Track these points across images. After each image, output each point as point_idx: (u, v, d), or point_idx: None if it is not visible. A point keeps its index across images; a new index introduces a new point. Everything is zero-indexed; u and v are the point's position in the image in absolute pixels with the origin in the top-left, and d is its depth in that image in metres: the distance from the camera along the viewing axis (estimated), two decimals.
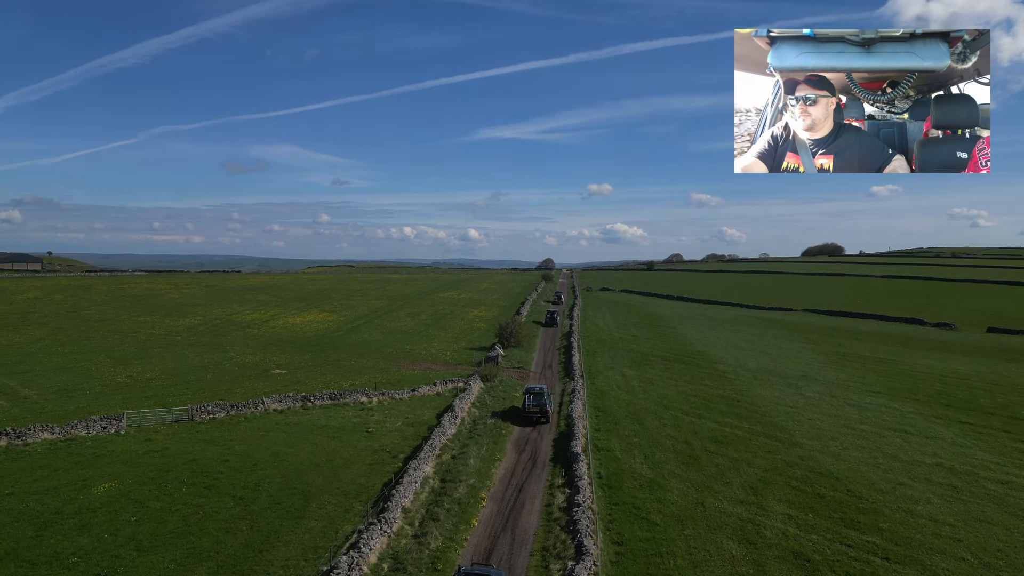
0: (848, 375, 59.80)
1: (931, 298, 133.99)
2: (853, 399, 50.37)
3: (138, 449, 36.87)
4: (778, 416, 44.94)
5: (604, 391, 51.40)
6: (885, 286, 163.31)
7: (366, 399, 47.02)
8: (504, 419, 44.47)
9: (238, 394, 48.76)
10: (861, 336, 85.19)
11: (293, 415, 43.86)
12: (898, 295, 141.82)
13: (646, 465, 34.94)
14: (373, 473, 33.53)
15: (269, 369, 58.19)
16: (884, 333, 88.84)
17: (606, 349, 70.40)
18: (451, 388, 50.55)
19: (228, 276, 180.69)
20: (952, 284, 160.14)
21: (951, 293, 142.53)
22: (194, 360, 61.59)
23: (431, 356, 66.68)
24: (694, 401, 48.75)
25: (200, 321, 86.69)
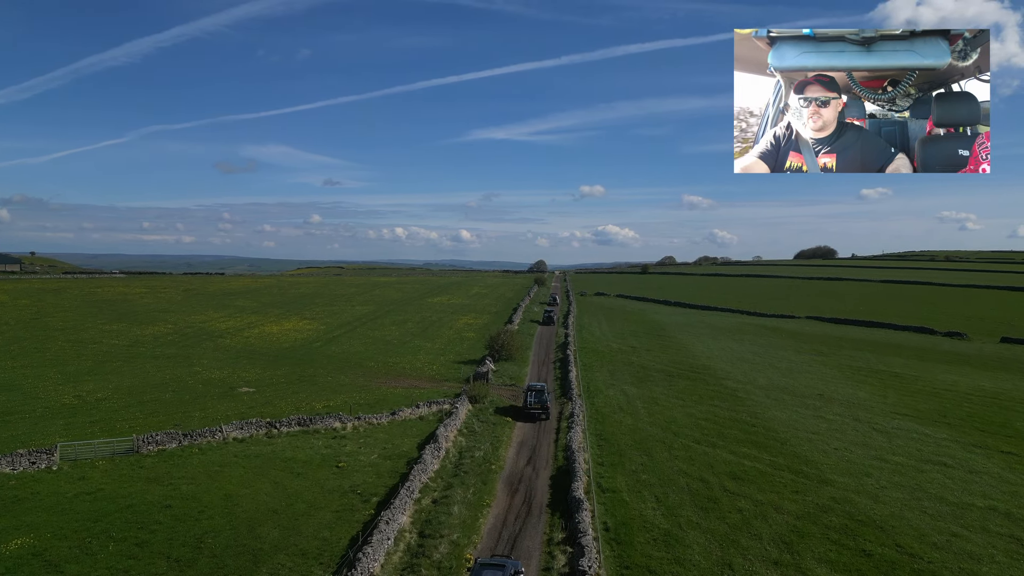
0: (867, 393, 55.24)
1: (935, 305, 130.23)
2: (879, 423, 45.75)
3: (68, 490, 31.61)
4: (800, 445, 40.23)
5: (605, 414, 46.54)
6: (885, 291, 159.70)
7: (339, 424, 41.91)
8: (496, 445, 39.54)
9: (196, 419, 43.52)
10: (872, 347, 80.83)
11: (255, 445, 38.67)
12: (900, 301, 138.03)
13: (659, 511, 30.06)
14: (340, 523, 28.47)
15: (236, 387, 52.89)
16: (895, 344, 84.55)
17: (604, 363, 65.59)
18: (435, 411, 45.53)
19: (210, 279, 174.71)
20: (953, 289, 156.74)
21: (954, 299, 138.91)
22: (154, 376, 56.16)
23: (416, 371, 61.59)
24: (705, 426, 43.98)
25: (170, 330, 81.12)
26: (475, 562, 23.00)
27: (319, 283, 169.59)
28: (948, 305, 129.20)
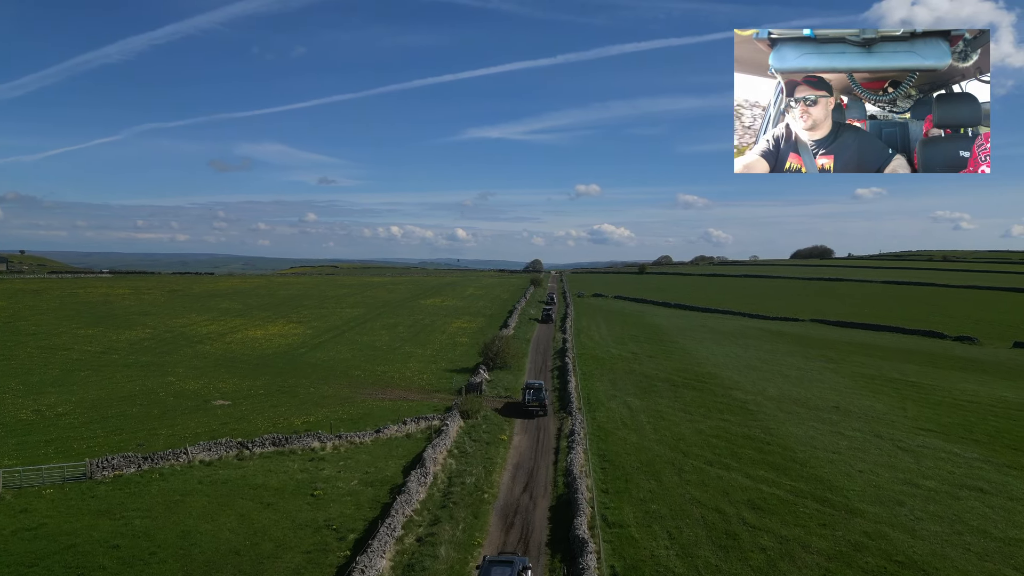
0: (886, 405, 51.95)
1: (939, 307, 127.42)
2: (903, 441, 42.45)
3: (5, 526, 27.96)
4: (822, 467, 36.86)
5: (608, 430, 43.10)
6: (886, 292, 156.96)
7: (318, 444, 38.32)
8: (489, 469, 36.04)
9: (162, 437, 39.88)
10: (882, 353, 77.65)
11: (224, 468, 35.04)
12: (903, 303, 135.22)
13: (672, 551, 26.61)
14: (310, 568, 24.92)
15: (211, 400, 49.21)
16: (905, 349, 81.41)
17: (605, 371, 62.16)
18: (424, 428, 41.99)
19: (198, 279, 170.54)
20: (956, 291, 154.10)
21: (958, 301, 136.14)
22: (124, 387, 52.40)
23: (405, 381, 57.99)
24: (716, 444, 40.57)
25: (148, 335, 77.24)
26: (484, 559, 23.38)
27: (310, 283, 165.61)
28: (953, 307, 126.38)
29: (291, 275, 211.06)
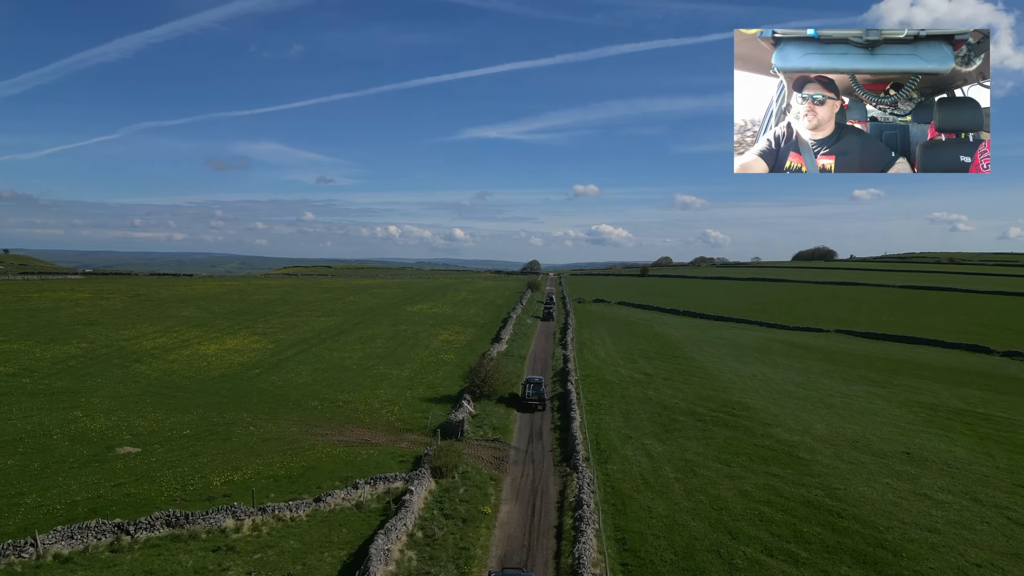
0: (966, 450, 41.71)
1: (967, 314, 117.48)
2: (1011, 508, 32.21)
3: None
4: (926, 557, 26.57)
5: (626, 494, 32.75)
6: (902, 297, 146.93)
7: (231, 523, 27.86)
8: (463, 567, 25.67)
9: (21, 511, 29.30)
10: (932, 373, 67.48)
11: (87, 569, 24.55)
12: (925, 309, 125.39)
13: None
14: None
15: (116, 445, 38.60)
16: (954, 367, 71.28)
17: (615, 399, 51.81)
18: (382, 492, 31.52)
19: (173, 281, 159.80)
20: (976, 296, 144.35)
21: (984, 308, 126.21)
22: (14, 426, 41.67)
23: (370, 414, 47.52)
24: (771, 516, 30.27)
25: (80, 351, 66.47)
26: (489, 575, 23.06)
27: (288, 287, 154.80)
28: (984, 315, 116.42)
29: (277, 277, 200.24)
